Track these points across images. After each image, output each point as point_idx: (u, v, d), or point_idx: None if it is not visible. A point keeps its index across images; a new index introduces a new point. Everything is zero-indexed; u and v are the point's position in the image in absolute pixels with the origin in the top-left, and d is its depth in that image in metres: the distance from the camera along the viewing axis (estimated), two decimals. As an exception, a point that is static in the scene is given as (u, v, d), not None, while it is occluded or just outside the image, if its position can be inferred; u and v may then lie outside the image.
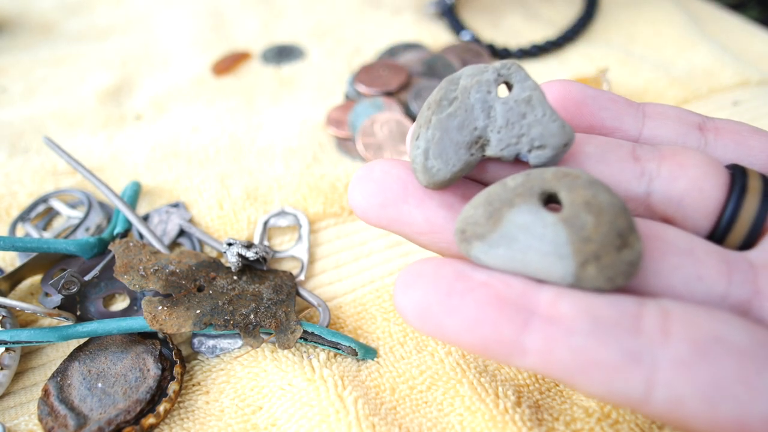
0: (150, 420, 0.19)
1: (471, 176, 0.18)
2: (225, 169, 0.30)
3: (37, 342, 0.20)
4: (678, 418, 0.13)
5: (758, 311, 0.15)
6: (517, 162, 0.17)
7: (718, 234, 0.17)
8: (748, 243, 0.17)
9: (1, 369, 0.21)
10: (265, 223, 0.26)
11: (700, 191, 0.17)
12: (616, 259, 0.14)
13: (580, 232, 0.14)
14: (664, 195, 0.17)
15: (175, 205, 0.27)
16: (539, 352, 0.14)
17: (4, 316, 0.22)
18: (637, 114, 0.19)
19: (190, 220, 0.27)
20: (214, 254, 0.25)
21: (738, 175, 0.17)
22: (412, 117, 0.31)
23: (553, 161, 0.17)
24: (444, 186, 0.17)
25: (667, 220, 0.17)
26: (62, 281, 0.21)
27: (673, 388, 0.13)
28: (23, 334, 0.20)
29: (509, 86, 0.17)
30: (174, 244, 0.26)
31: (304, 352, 0.21)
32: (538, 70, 0.37)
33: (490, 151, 0.17)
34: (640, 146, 0.18)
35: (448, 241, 0.17)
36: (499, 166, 0.18)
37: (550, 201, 0.16)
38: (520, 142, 0.16)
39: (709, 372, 0.13)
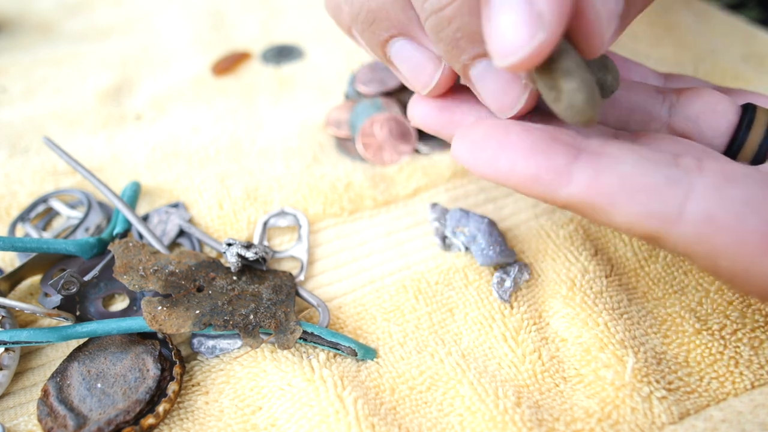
0: (149, 420, 0.19)
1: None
2: (225, 169, 0.30)
3: (36, 342, 0.20)
4: (705, 237, 0.15)
5: None
6: None
7: (731, 153, 0.19)
8: (758, 160, 0.19)
9: (1, 369, 0.21)
10: (265, 224, 0.26)
11: (714, 112, 0.19)
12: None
13: None
14: (682, 115, 0.20)
15: (175, 205, 0.27)
16: (586, 178, 0.15)
17: (3, 316, 0.22)
18: (660, 76, 0.23)
19: (190, 220, 0.27)
20: (213, 254, 0.25)
21: (749, 106, 0.20)
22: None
23: None
24: None
25: (686, 138, 0.20)
26: (62, 281, 0.21)
27: (707, 204, 0.15)
28: (23, 335, 0.20)
29: None
30: (174, 245, 0.26)
31: (304, 352, 0.21)
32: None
33: None
34: (662, 86, 0.21)
35: None
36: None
37: None
38: None
39: (740, 192, 0.15)
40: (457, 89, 0.20)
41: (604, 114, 0.20)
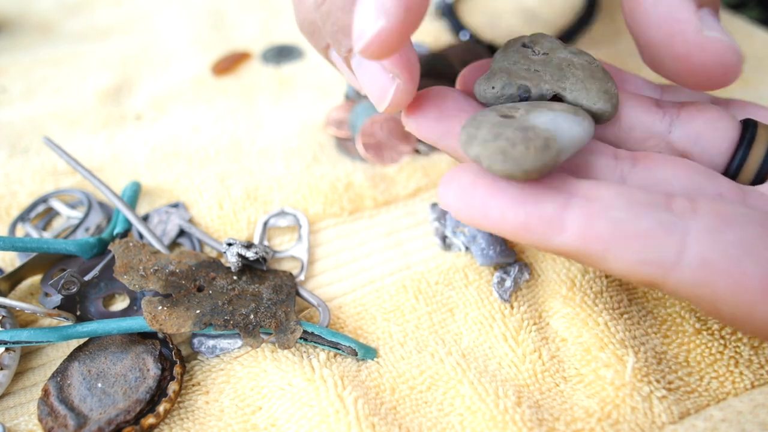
0: (150, 420, 0.19)
1: None
2: (225, 169, 0.30)
3: (37, 342, 0.20)
4: (703, 282, 0.15)
5: None
6: None
7: (732, 170, 0.19)
8: (758, 180, 0.19)
9: (1, 369, 0.21)
10: (265, 224, 0.26)
11: (716, 130, 0.19)
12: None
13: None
14: (683, 132, 0.19)
15: (175, 205, 0.27)
16: (579, 226, 0.15)
17: (4, 316, 0.22)
18: (656, 88, 0.22)
19: (190, 220, 0.27)
20: (214, 254, 0.25)
21: (749, 122, 0.19)
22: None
23: None
24: None
25: (686, 157, 0.19)
26: (62, 281, 0.21)
27: (703, 250, 0.14)
28: (23, 334, 0.20)
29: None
30: (174, 244, 0.26)
31: (304, 352, 0.21)
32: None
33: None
34: (662, 99, 0.21)
35: None
36: None
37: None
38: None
39: (736, 235, 0.14)
40: (454, 99, 0.20)
41: (605, 130, 0.20)
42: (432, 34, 0.40)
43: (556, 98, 0.19)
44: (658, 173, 0.18)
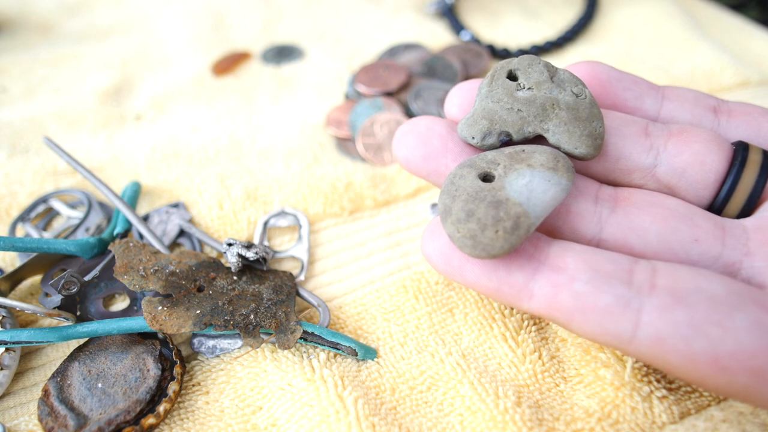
0: (150, 420, 0.19)
1: None
2: (225, 169, 0.30)
3: (37, 342, 0.20)
4: (658, 355, 0.15)
5: (748, 270, 0.17)
6: None
7: (718, 203, 0.19)
8: (746, 212, 0.18)
9: (1, 369, 0.21)
10: (265, 224, 0.26)
11: (702, 164, 0.19)
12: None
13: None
14: (669, 167, 0.19)
15: (175, 206, 0.27)
16: (545, 296, 0.16)
17: (4, 316, 0.22)
18: (657, 96, 0.21)
19: (190, 221, 0.27)
20: (214, 254, 0.25)
21: (740, 149, 0.19)
22: (412, 117, 0.31)
23: None
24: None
25: (671, 190, 0.19)
26: (62, 281, 0.21)
27: (655, 328, 0.15)
28: (23, 335, 0.20)
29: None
30: (174, 245, 0.26)
31: (304, 352, 0.21)
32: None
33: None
34: (652, 124, 0.20)
35: None
36: None
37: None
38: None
39: (687, 315, 0.15)
40: (440, 136, 0.20)
41: (590, 162, 0.20)
42: (432, 34, 0.40)
43: (540, 137, 0.19)
44: (635, 220, 0.18)
